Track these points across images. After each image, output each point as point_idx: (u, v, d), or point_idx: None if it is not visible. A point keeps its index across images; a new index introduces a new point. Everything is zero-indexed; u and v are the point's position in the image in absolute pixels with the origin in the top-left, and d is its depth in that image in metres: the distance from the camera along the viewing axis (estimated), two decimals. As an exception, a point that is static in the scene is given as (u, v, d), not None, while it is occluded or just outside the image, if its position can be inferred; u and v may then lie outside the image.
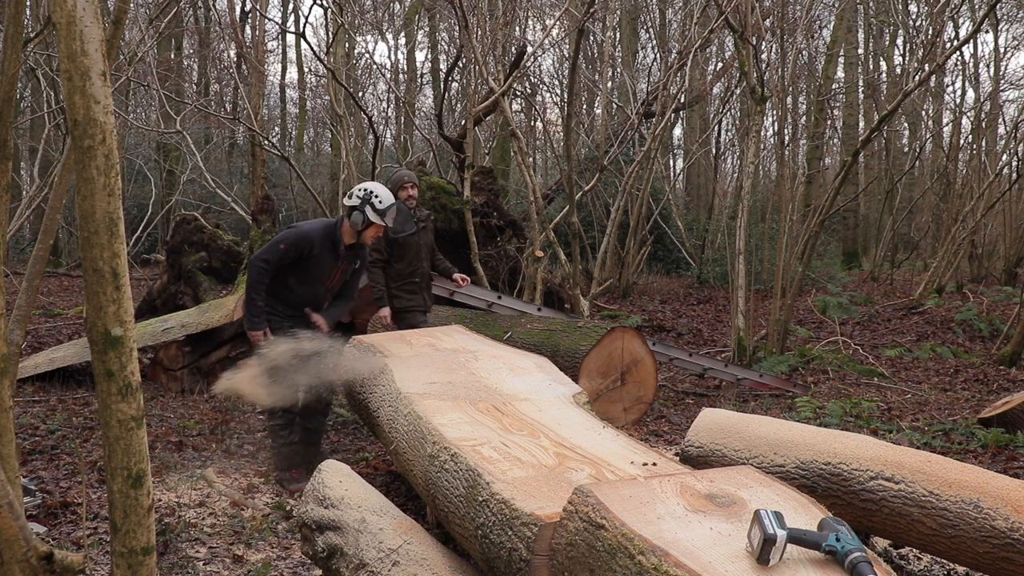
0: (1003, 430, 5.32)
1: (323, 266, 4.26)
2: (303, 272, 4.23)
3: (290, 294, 4.26)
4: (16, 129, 10.04)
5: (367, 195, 4.21)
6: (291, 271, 4.20)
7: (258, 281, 4.12)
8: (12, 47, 2.33)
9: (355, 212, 4.21)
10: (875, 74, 19.01)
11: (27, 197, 11.24)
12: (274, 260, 4.12)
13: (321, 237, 4.21)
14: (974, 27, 8.42)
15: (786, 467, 3.11)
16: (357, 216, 4.20)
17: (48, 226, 3.00)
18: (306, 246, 4.15)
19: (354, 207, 4.23)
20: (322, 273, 4.29)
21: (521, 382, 3.53)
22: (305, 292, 4.30)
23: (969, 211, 12.47)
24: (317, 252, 4.19)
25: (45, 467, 4.40)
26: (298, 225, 4.35)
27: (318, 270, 4.26)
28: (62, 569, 1.86)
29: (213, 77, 19.18)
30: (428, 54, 20.55)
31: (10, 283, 9.54)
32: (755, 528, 1.69)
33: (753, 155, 8.81)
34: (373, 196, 4.21)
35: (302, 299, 4.31)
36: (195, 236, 8.33)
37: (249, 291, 4.16)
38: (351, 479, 2.82)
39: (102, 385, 1.79)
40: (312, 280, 4.28)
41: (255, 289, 4.14)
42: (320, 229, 4.24)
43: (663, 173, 16.35)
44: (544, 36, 11.82)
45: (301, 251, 4.15)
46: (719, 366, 7.45)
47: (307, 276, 4.25)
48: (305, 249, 4.15)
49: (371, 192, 4.22)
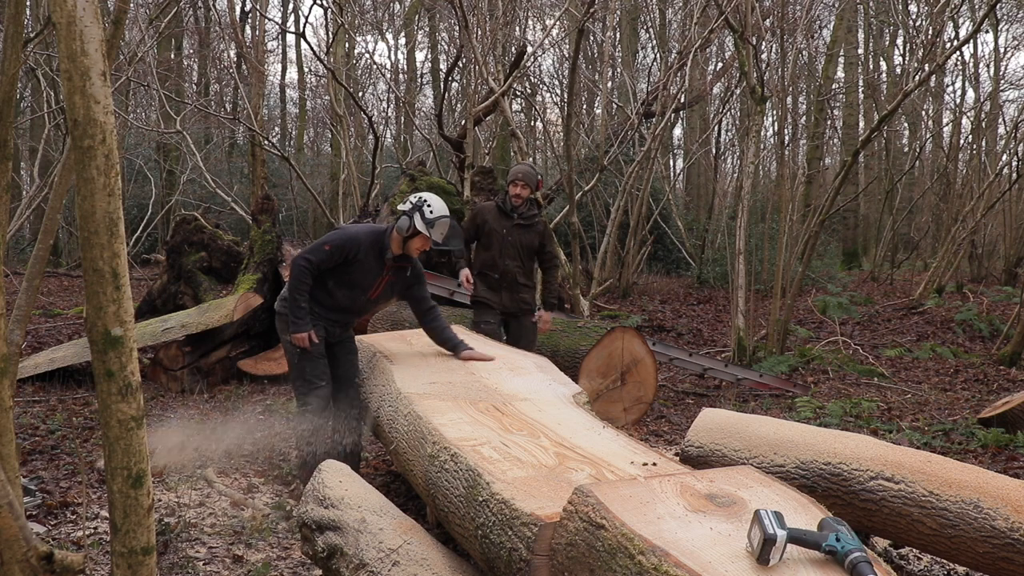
0: (1003, 430, 5.32)
1: (366, 273, 4.04)
2: (345, 276, 4.02)
3: (328, 297, 4.05)
4: (16, 129, 10.04)
5: (419, 202, 4.02)
6: (332, 274, 4.01)
7: (300, 281, 3.93)
8: (12, 47, 2.33)
9: (403, 217, 4.02)
10: (875, 74, 19.02)
11: (27, 197, 11.26)
12: (317, 261, 3.92)
13: (368, 242, 4.01)
14: (974, 27, 8.42)
15: (786, 467, 3.11)
16: (404, 221, 4.00)
17: (48, 226, 3.00)
18: (352, 249, 3.95)
19: (404, 212, 4.04)
20: (364, 280, 4.06)
21: (521, 382, 3.54)
22: (344, 298, 4.07)
23: (969, 211, 12.48)
24: (363, 257, 3.99)
25: (45, 467, 4.40)
26: (345, 227, 4.17)
27: (360, 276, 4.04)
28: (62, 569, 1.86)
29: (213, 77, 19.20)
30: (428, 54, 20.57)
31: (10, 283, 9.54)
32: (755, 528, 1.69)
33: (753, 155, 8.81)
34: (425, 204, 4.00)
35: (341, 304, 4.09)
36: (195, 236, 8.32)
37: (291, 291, 3.96)
38: (351, 479, 2.82)
39: (102, 385, 1.79)
40: (353, 285, 4.05)
41: (297, 289, 3.94)
42: (368, 234, 4.05)
43: (663, 173, 16.36)
44: (544, 36, 11.82)
45: (347, 254, 3.95)
46: (719, 366, 7.45)
47: (349, 281, 4.03)
48: (351, 253, 3.95)
49: (424, 200, 4.02)
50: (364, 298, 4.10)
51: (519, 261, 5.20)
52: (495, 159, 15.41)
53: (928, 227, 18.71)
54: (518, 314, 5.25)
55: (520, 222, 5.18)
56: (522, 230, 5.19)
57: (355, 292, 4.06)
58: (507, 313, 5.25)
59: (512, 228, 5.18)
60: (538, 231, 5.25)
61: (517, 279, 5.21)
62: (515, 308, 5.23)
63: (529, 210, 5.22)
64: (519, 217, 5.17)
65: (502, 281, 5.20)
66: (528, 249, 5.23)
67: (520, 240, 5.19)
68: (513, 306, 5.22)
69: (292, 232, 17.88)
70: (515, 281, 5.20)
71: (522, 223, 5.18)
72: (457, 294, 6.85)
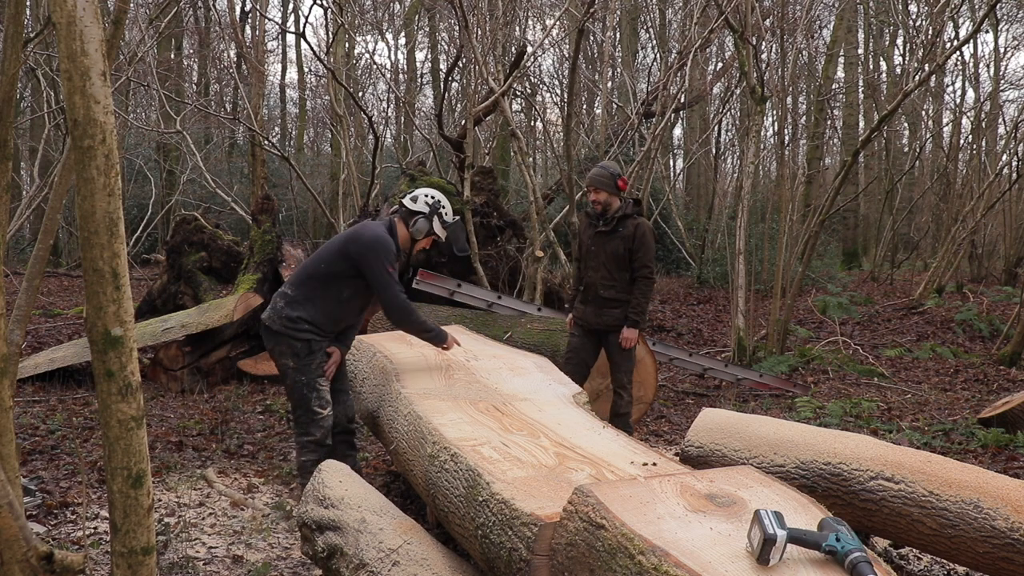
0: (1003, 430, 5.32)
1: None
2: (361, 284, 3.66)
3: (340, 310, 3.68)
4: (16, 129, 10.05)
5: (436, 204, 3.70)
6: (349, 284, 3.65)
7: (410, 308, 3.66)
8: (12, 47, 2.33)
9: (421, 219, 3.68)
10: (875, 74, 19.02)
11: (27, 197, 11.26)
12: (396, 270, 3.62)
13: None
14: (974, 27, 8.42)
15: (786, 467, 3.11)
16: (423, 224, 3.68)
17: (48, 226, 3.00)
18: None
19: (420, 213, 3.69)
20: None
21: (521, 382, 3.54)
22: (354, 309, 3.76)
23: (969, 211, 12.47)
24: None
25: (45, 467, 4.40)
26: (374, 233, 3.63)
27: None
28: (62, 569, 1.86)
29: (213, 77, 19.20)
30: (428, 54, 20.56)
31: (10, 283, 9.54)
32: (755, 528, 1.69)
33: (753, 155, 8.81)
34: (441, 207, 3.71)
35: (349, 314, 3.77)
36: (195, 236, 8.33)
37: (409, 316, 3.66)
38: (351, 479, 2.82)
39: (102, 385, 1.79)
40: (368, 293, 3.71)
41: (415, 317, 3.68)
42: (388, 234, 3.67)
43: (663, 173, 16.36)
44: (544, 36, 11.82)
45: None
46: (719, 366, 7.45)
47: (366, 288, 3.68)
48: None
49: (439, 202, 3.71)
50: (370, 301, 3.86)
51: (604, 272, 4.65)
52: (495, 159, 15.40)
53: (928, 227, 18.70)
54: (606, 331, 4.70)
55: (603, 229, 4.65)
56: (606, 237, 4.64)
57: (368, 297, 3.77)
58: (596, 330, 4.76)
59: (595, 236, 4.70)
60: (623, 236, 4.60)
61: (599, 292, 4.66)
62: (600, 324, 4.70)
63: (618, 213, 4.63)
64: (603, 224, 4.66)
65: (587, 294, 4.75)
66: (615, 258, 4.61)
67: (604, 249, 4.64)
68: (597, 322, 4.70)
69: (292, 232, 17.86)
70: (597, 295, 4.67)
71: (604, 230, 4.64)
72: (457, 294, 6.85)
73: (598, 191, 4.63)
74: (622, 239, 4.60)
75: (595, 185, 4.63)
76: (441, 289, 6.82)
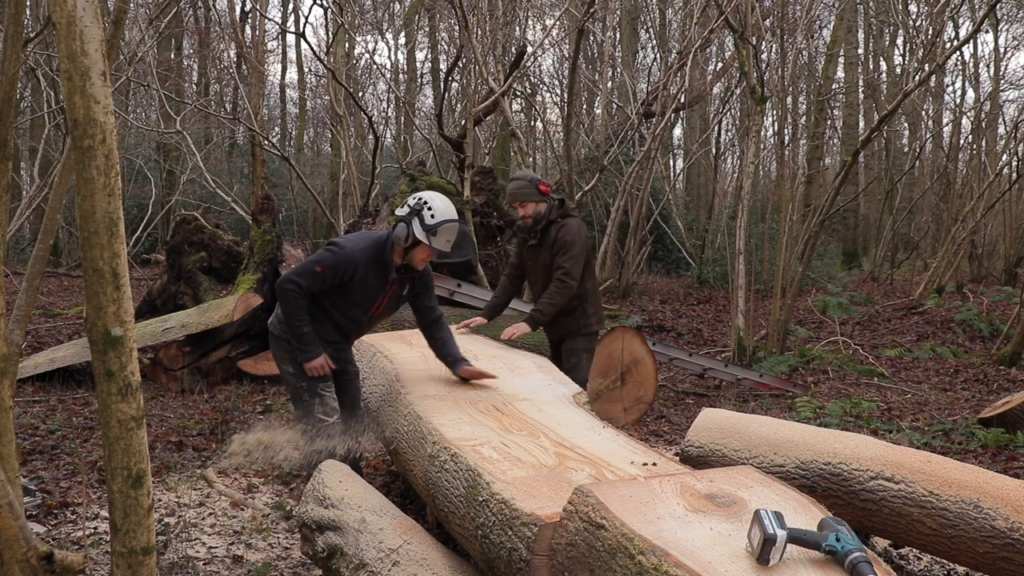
0: (1003, 430, 5.32)
1: (367, 292, 3.56)
2: (343, 297, 3.56)
3: (326, 320, 3.59)
4: (16, 129, 10.04)
5: (418, 205, 3.46)
6: (327, 296, 3.53)
7: (295, 306, 3.44)
8: (12, 47, 2.33)
9: (401, 224, 3.48)
10: (875, 74, 19.02)
11: (27, 197, 11.27)
12: (307, 285, 3.43)
13: (367, 259, 3.49)
14: (974, 27, 8.43)
15: (786, 467, 3.11)
16: (401, 228, 3.47)
17: (48, 226, 2.99)
18: (348, 271, 3.45)
19: (401, 218, 3.49)
20: (364, 299, 3.58)
21: (521, 382, 3.53)
22: (344, 320, 3.63)
23: (969, 211, 12.47)
24: (362, 276, 3.50)
25: (45, 467, 4.40)
26: (340, 243, 3.53)
27: (360, 296, 3.56)
28: (62, 569, 1.86)
29: (213, 77, 19.21)
30: (428, 54, 20.57)
31: (10, 283, 9.54)
32: (755, 528, 1.69)
33: (753, 155, 8.81)
34: (425, 207, 3.44)
35: (341, 326, 3.66)
36: (195, 236, 8.33)
37: (289, 318, 3.48)
38: (351, 479, 2.82)
39: (102, 385, 1.79)
40: (353, 305, 3.59)
41: (294, 315, 3.45)
42: (367, 249, 3.51)
43: (663, 173, 16.36)
44: (544, 36, 11.83)
45: (342, 277, 3.46)
46: (719, 366, 7.45)
47: (348, 301, 3.57)
48: (347, 274, 3.46)
49: (424, 202, 3.46)
50: (366, 317, 3.68)
51: (541, 285, 4.56)
52: (495, 159, 15.41)
53: (928, 227, 18.70)
54: (560, 341, 4.65)
55: (532, 242, 4.56)
56: (537, 251, 4.55)
57: (356, 312, 3.62)
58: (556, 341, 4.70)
59: (528, 251, 4.62)
60: (547, 245, 4.48)
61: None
62: (555, 336, 4.66)
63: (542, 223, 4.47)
64: (532, 237, 4.56)
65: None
66: (545, 270, 4.52)
67: (537, 262, 4.57)
68: (554, 334, 4.66)
69: (292, 232, 17.87)
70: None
71: (534, 243, 4.56)
72: (457, 294, 6.85)
73: (524, 204, 4.45)
74: (547, 248, 4.48)
75: (519, 199, 4.46)
76: (441, 289, 6.82)
